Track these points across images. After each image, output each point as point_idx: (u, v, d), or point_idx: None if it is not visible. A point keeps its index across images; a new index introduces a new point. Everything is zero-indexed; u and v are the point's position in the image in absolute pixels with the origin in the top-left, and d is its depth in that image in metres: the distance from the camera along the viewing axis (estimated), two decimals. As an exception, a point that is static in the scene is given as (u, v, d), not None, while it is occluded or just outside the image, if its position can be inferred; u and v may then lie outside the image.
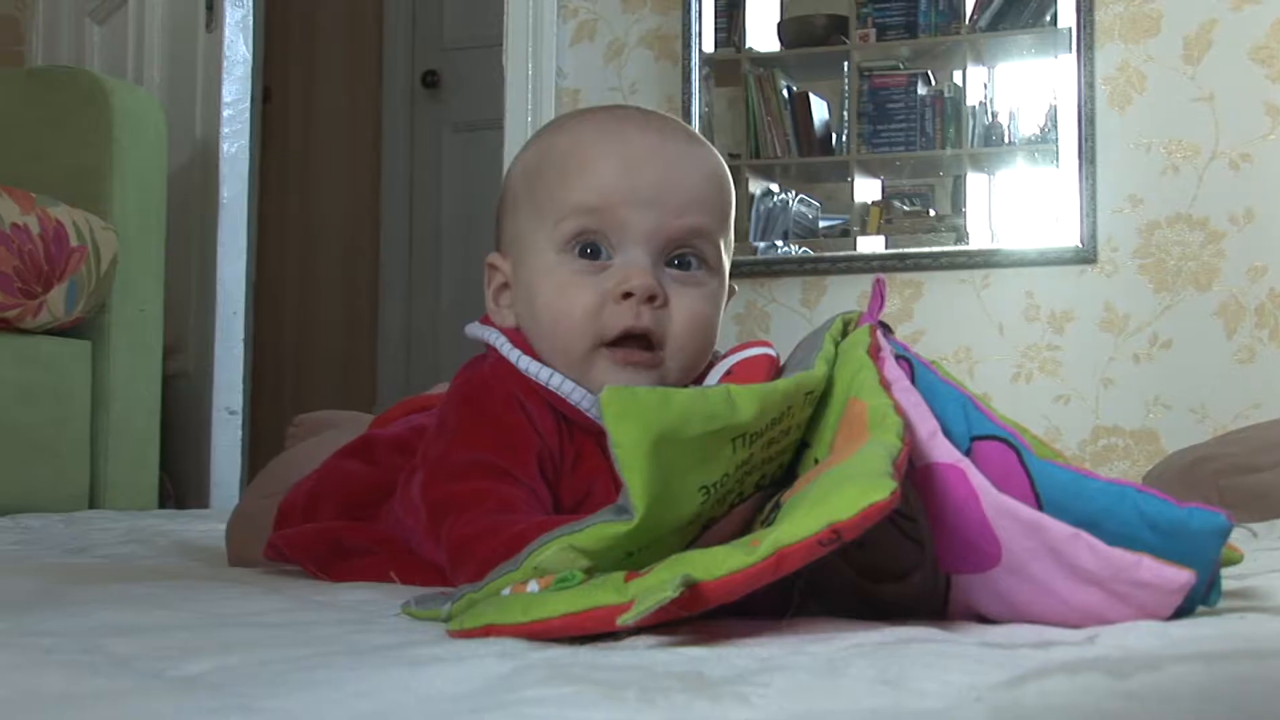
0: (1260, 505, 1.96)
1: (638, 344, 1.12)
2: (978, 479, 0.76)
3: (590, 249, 1.12)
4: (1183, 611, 0.77)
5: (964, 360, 3.22)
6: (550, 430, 1.14)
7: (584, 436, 1.14)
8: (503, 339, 1.18)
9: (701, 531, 0.86)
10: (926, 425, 0.80)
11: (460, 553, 1.04)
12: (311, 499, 1.30)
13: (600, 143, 1.14)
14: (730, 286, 1.22)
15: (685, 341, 1.13)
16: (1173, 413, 3.08)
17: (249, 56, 3.29)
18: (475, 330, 1.21)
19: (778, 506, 0.83)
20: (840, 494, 0.70)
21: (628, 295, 1.10)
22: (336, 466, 1.32)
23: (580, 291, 1.11)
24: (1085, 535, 0.74)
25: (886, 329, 0.94)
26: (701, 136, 1.21)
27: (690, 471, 0.80)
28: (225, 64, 3.21)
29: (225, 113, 3.21)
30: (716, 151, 1.19)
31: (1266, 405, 2.99)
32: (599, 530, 0.79)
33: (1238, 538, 1.72)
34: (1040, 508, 0.79)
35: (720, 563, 0.71)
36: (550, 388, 1.13)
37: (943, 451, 0.78)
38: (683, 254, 1.14)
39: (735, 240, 1.22)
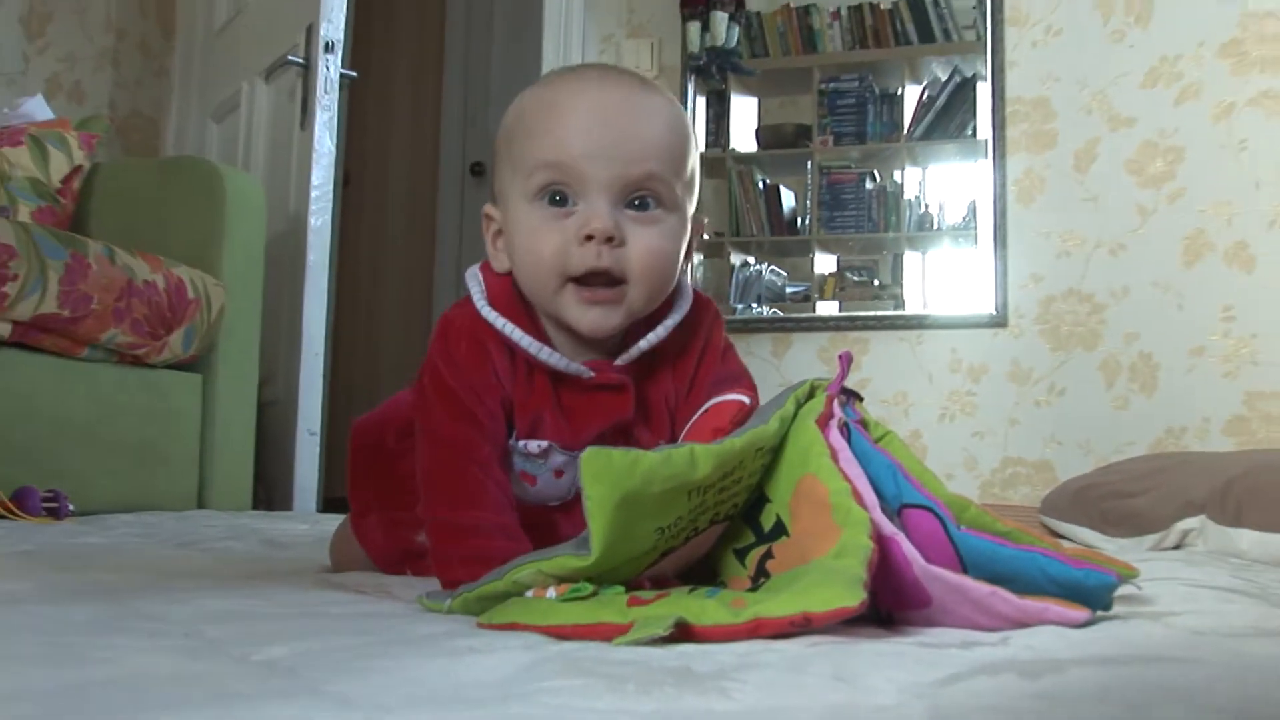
0: (1133, 524, 1.99)
1: (601, 280, 1.05)
2: (909, 550, 0.75)
3: (559, 196, 1.05)
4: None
5: (900, 403, 3.20)
6: (505, 369, 1.08)
7: (538, 373, 1.09)
8: (479, 289, 1.12)
9: (661, 557, 0.85)
10: (868, 499, 0.78)
11: (448, 550, 1.01)
12: (380, 425, 1.24)
13: (562, 103, 1.06)
14: (700, 220, 1.15)
15: (644, 274, 1.05)
16: (1065, 448, 3.06)
17: (333, 149, 3.28)
18: (467, 275, 1.15)
19: (764, 573, 0.83)
20: (821, 591, 0.69)
21: (590, 238, 1.03)
22: (400, 396, 1.25)
23: (549, 235, 1.04)
24: (1001, 591, 0.74)
25: (853, 397, 0.92)
26: (660, 88, 1.10)
27: (648, 518, 0.79)
28: (315, 155, 3.20)
29: (313, 194, 3.20)
30: (674, 100, 1.10)
31: (1138, 443, 2.98)
32: (563, 561, 0.79)
33: (1109, 550, 1.73)
34: (963, 568, 0.79)
35: (709, 613, 0.71)
36: (505, 334, 1.07)
37: (882, 525, 0.76)
38: (641, 196, 1.05)
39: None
